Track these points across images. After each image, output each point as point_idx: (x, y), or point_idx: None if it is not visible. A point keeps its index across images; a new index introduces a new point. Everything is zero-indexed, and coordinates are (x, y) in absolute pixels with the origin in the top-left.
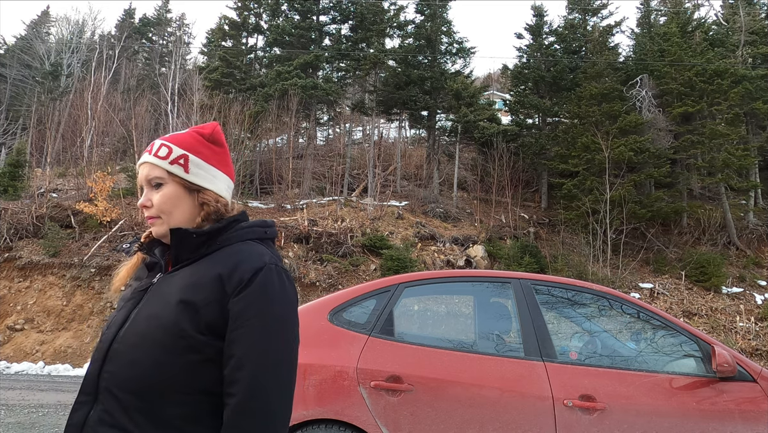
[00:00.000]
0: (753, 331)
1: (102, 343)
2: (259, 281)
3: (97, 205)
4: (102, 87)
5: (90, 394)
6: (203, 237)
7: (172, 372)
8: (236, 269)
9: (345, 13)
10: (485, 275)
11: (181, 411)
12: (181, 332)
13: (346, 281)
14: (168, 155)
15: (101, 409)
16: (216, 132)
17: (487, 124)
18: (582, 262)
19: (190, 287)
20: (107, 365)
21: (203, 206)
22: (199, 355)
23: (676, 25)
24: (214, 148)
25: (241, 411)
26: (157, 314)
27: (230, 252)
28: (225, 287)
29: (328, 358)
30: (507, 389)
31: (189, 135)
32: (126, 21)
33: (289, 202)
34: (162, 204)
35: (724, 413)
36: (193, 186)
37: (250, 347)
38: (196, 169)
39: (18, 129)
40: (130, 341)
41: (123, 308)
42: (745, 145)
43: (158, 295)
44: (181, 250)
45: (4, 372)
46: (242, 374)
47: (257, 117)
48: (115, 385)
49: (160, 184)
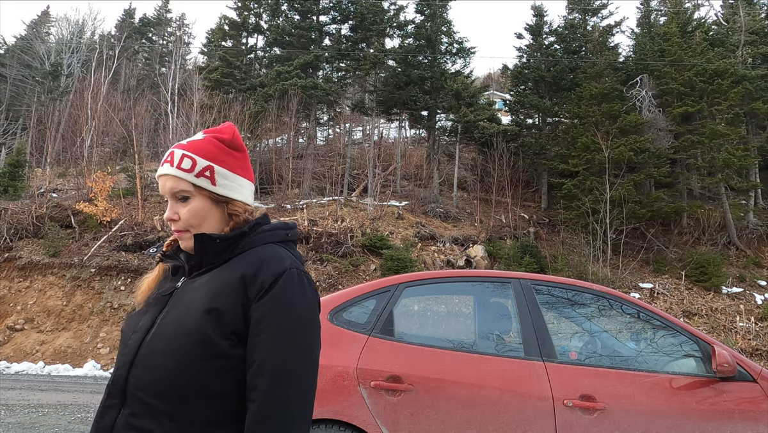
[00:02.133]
0: (753, 331)
1: (128, 347)
2: (279, 286)
3: (97, 205)
4: (102, 87)
5: (117, 397)
6: (227, 242)
7: (197, 377)
8: (258, 273)
9: (345, 13)
10: (485, 275)
11: (206, 415)
12: (205, 339)
13: (346, 281)
14: (193, 168)
15: (129, 412)
16: (236, 137)
17: (487, 124)
18: (582, 262)
19: (214, 294)
20: (134, 369)
21: (232, 217)
22: (223, 360)
23: (676, 25)
24: (236, 155)
25: (260, 417)
26: (182, 319)
27: (252, 256)
28: (247, 291)
29: (328, 358)
30: (507, 389)
31: (210, 143)
32: (126, 21)
33: (289, 202)
34: (190, 218)
35: (724, 413)
36: (222, 198)
37: (270, 353)
38: (222, 181)
39: (18, 129)
40: (157, 346)
41: (148, 312)
42: (745, 145)
43: (182, 300)
44: (205, 255)
45: (4, 372)
46: (261, 381)
47: (257, 117)
48: (142, 389)
49: (187, 197)
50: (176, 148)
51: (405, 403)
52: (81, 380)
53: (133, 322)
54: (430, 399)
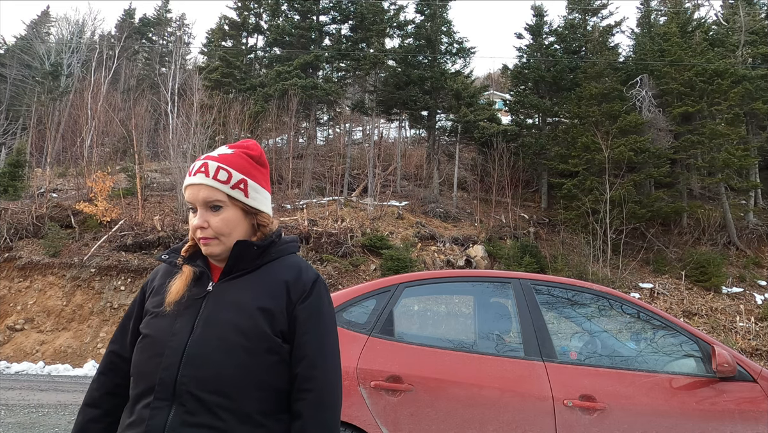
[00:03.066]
0: (753, 331)
1: (171, 349)
2: (317, 290)
3: (97, 205)
4: (102, 87)
5: (166, 399)
6: (261, 249)
7: (253, 372)
8: (299, 279)
9: (345, 13)
10: (485, 275)
11: (259, 407)
12: (262, 335)
13: (346, 281)
14: (229, 180)
15: (183, 411)
16: (262, 154)
17: (487, 124)
18: (582, 262)
19: (263, 295)
20: (185, 368)
21: (260, 228)
22: (276, 356)
23: (676, 25)
24: (263, 170)
25: (319, 404)
26: (235, 320)
27: (287, 263)
28: (291, 294)
29: None
30: (507, 389)
31: (241, 157)
32: (126, 21)
33: (289, 202)
34: (223, 227)
35: (724, 413)
36: (253, 210)
37: (319, 349)
38: (254, 194)
39: (18, 129)
40: (210, 344)
41: (181, 315)
42: (745, 145)
43: (225, 301)
44: (240, 260)
45: (4, 372)
46: (317, 373)
47: (257, 117)
48: (197, 387)
49: (220, 207)
50: (209, 160)
51: (405, 403)
52: (81, 380)
53: (163, 325)
54: (430, 399)
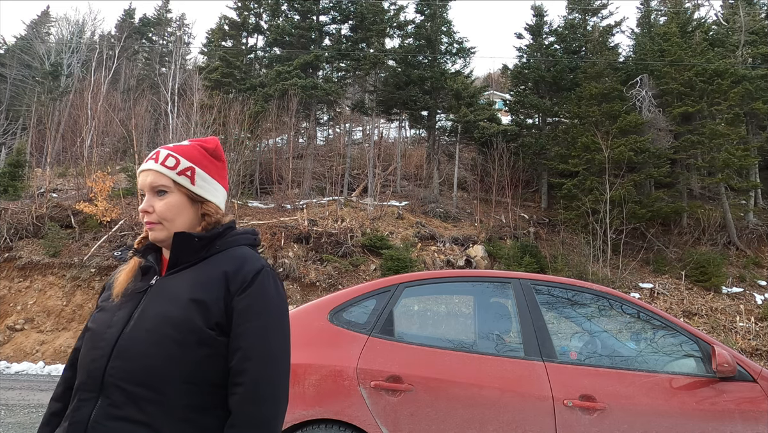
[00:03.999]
0: (753, 331)
1: (104, 341)
2: (259, 281)
3: (97, 205)
4: (102, 87)
5: (93, 391)
6: (204, 241)
7: (183, 365)
8: (239, 270)
9: (345, 13)
10: (485, 275)
11: (188, 401)
12: (193, 328)
13: (346, 281)
14: (176, 166)
15: (108, 403)
16: (218, 147)
17: (487, 124)
18: (582, 262)
19: (199, 287)
20: (114, 361)
21: (205, 217)
22: (208, 349)
23: (676, 25)
24: (217, 163)
25: (250, 398)
26: (168, 312)
27: (230, 255)
28: (229, 286)
29: (328, 358)
30: (507, 389)
31: (194, 148)
32: (126, 21)
33: (289, 202)
34: (165, 211)
35: (724, 413)
36: (198, 198)
37: (256, 340)
38: (201, 182)
39: (18, 129)
40: (140, 337)
41: (122, 308)
42: (745, 145)
43: (163, 295)
44: (183, 252)
45: (4, 372)
46: (250, 365)
47: (257, 117)
48: (123, 379)
49: (165, 192)
50: (162, 148)
51: (405, 403)
52: None
53: (104, 318)
54: (430, 399)
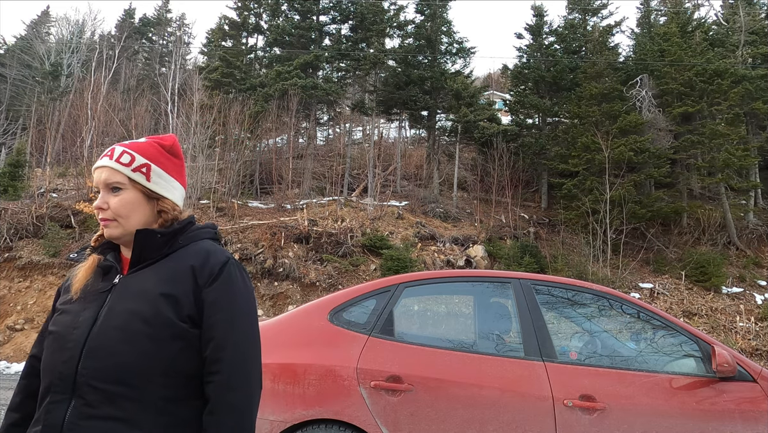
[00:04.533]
0: (753, 331)
1: (72, 342)
2: (226, 272)
3: None
4: (102, 87)
5: (65, 392)
6: (167, 237)
7: (158, 359)
8: (206, 263)
9: (345, 13)
10: (485, 275)
11: (165, 393)
12: (165, 321)
13: (346, 281)
14: (131, 162)
15: (82, 404)
16: (175, 145)
17: (487, 124)
18: (582, 262)
19: (167, 281)
20: (85, 361)
21: (161, 214)
22: (182, 341)
23: (676, 25)
24: (174, 160)
25: (226, 385)
26: (137, 308)
27: (194, 249)
28: (197, 279)
29: (328, 358)
30: (507, 389)
31: (150, 145)
32: (126, 21)
33: (289, 202)
34: (120, 208)
35: (724, 413)
36: (154, 194)
37: (228, 330)
38: (157, 179)
39: (18, 129)
40: (110, 335)
41: (86, 309)
42: (745, 145)
43: (130, 292)
44: (145, 249)
45: (4, 372)
46: (225, 354)
47: (257, 117)
48: (97, 378)
49: (119, 189)
50: (117, 145)
51: (405, 403)
52: None
53: (67, 320)
54: (430, 399)
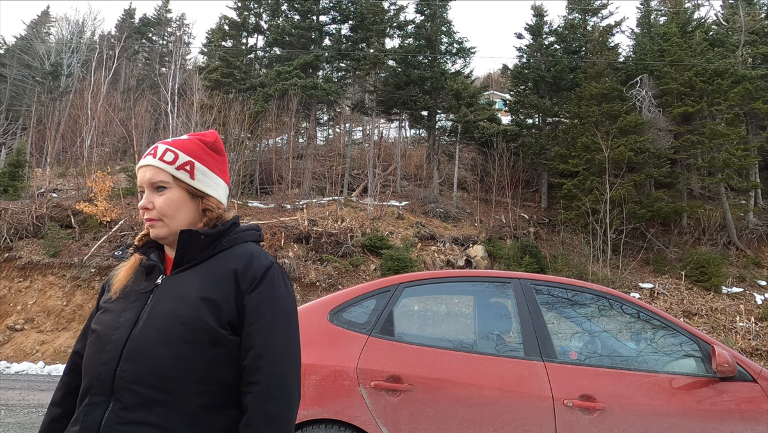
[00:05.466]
0: (753, 331)
1: (112, 343)
2: (269, 278)
3: (97, 205)
4: (102, 87)
5: (104, 394)
6: (210, 238)
7: (195, 365)
8: (249, 267)
9: (345, 13)
10: (485, 275)
11: (200, 401)
12: (204, 327)
13: (346, 281)
14: (174, 161)
15: (119, 407)
16: (217, 141)
17: (487, 124)
18: (582, 262)
19: (208, 285)
20: (124, 363)
21: (206, 212)
22: (221, 348)
23: (676, 25)
24: (216, 156)
25: (265, 396)
26: (177, 311)
27: (238, 252)
28: (239, 283)
29: (328, 358)
30: (507, 389)
31: (193, 142)
32: (126, 21)
33: (289, 202)
34: (165, 207)
35: (724, 413)
36: (198, 192)
37: (268, 338)
38: (201, 176)
39: (18, 129)
40: (150, 338)
41: (128, 309)
42: (745, 145)
43: (171, 294)
44: (188, 250)
45: (4, 372)
46: (264, 363)
47: (257, 117)
48: (134, 381)
49: (164, 188)
50: (160, 143)
51: (405, 403)
52: None
53: (109, 319)
54: (430, 399)
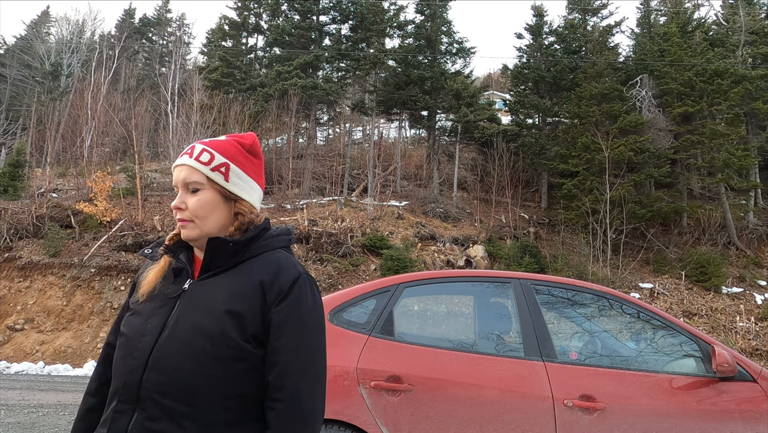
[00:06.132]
0: (753, 331)
1: (139, 351)
2: (296, 291)
3: (97, 205)
4: (102, 87)
5: (130, 402)
6: (239, 246)
7: (219, 379)
8: (276, 279)
9: (345, 13)
10: (485, 275)
11: (224, 416)
12: (229, 341)
13: (346, 281)
14: (210, 162)
15: (144, 417)
16: (255, 144)
17: (487, 124)
18: (582, 262)
19: (234, 297)
20: (149, 373)
21: (238, 216)
22: (244, 363)
23: (676, 25)
24: (253, 160)
25: (288, 416)
26: (202, 323)
27: (266, 261)
28: (266, 296)
29: (328, 358)
30: (507, 389)
31: (230, 144)
32: (126, 21)
33: (289, 202)
34: (198, 209)
35: (724, 413)
36: (231, 195)
37: (294, 355)
38: (235, 179)
39: (18, 129)
40: (175, 349)
41: (154, 315)
42: (745, 145)
43: (197, 303)
44: (216, 258)
45: (4, 372)
46: (289, 382)
47: (257, 117)
48: (159, 392)
49: (198, 189)
50: (198, 143)
51: (405, 403)
52: (81, 380)
53: (137, 324)
54: (430, 399)
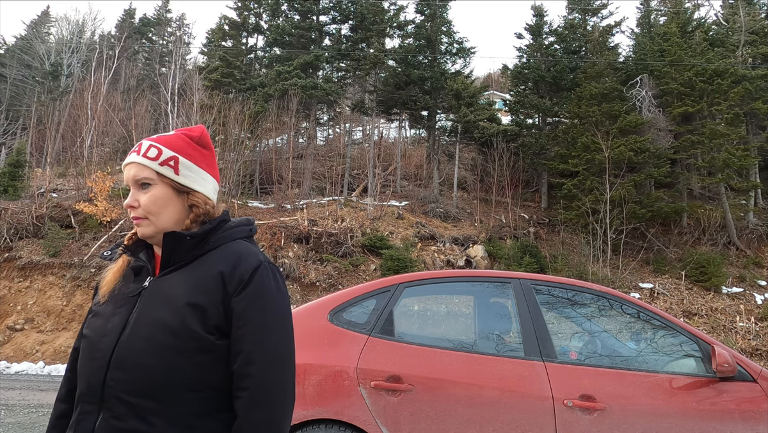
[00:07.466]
0: (753, 331)
1: (100, 351)
2: (257, 279)
3: (97, 205)
4: (102, 87)
5: (94, 403)
6: (196, 239)
7: (184, 372)
8: (235, 269)
9: (345, 13)
10: (485, 275)
11: (191, 408)
12: (191, 334)
13: (346, 281)
14: (158, 156)
15: (110, 416)
16: (204, 135)
17: (487, 124)
18: (582, 262)
19: (193, 290)
20: (112, 372)
21: (192, 208)
22: (209, 354)
23: (676, 25)
24: (203, 151)
25: (254, 403)
26: (164, 318)
27: (225, 252)
28: (226, 286)
29: (328, 358)
30: (507, 389)
31: (177, 137)
32: (126, 21)
33: (289, 202)
34: (150, 205)
35: (724, 413)
36: (183, 188)
37: (258, 342)
38: (186, 171)
39: (18, 129)
40: (137, 346)
41: (116, 314)
42: (745, 145)
43: (157, 299)
44: (174, 253)
45: (4, 372)
46: (253, 369)
47: (257, 117)
48: (124, 390)
49: (148, 184)
50: (145, 140)
51: (405, 403)
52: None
53: (98, 325)
54: (430, 399)
